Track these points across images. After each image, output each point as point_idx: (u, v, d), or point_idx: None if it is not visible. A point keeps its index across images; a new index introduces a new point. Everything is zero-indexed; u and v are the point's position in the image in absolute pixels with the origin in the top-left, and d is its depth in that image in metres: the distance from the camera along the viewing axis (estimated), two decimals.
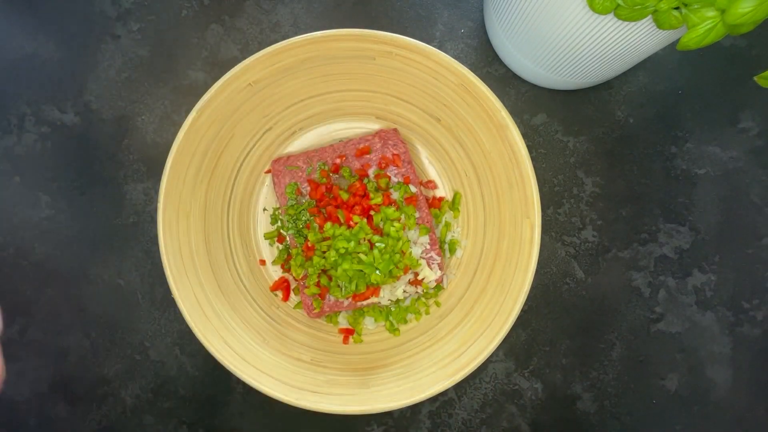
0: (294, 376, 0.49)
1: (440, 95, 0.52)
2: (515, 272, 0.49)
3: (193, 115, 0.48)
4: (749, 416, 0.57)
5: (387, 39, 0.49)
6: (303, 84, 0.53)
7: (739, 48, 0.61)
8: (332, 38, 0.49)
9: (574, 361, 0.58)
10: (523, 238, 0.49)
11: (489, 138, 0.50)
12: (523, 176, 0.48)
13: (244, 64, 0.48)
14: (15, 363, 0.58)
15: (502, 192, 0.51)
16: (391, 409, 0.47)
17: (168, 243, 0.48)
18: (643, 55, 0.50)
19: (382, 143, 0.54)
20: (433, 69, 0.50)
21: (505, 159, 0.50)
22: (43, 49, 0.61)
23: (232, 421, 0.58)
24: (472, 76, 0.48)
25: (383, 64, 0.51)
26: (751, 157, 0.60)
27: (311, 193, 0.53)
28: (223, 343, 0.48)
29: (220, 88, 0.49)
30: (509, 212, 0.50)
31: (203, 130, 0.50)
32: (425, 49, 0.48)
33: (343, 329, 0.54)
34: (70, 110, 0.60)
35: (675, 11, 0.39)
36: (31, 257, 0.59)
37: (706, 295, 0.58)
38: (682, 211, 0.59)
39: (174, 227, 0.49)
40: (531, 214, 0.48)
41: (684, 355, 0.58)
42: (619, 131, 0.60)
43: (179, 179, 0.49)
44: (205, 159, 0.51)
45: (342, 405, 0.47)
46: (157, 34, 0.61)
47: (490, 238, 0.53)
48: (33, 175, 0.59)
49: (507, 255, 0.50)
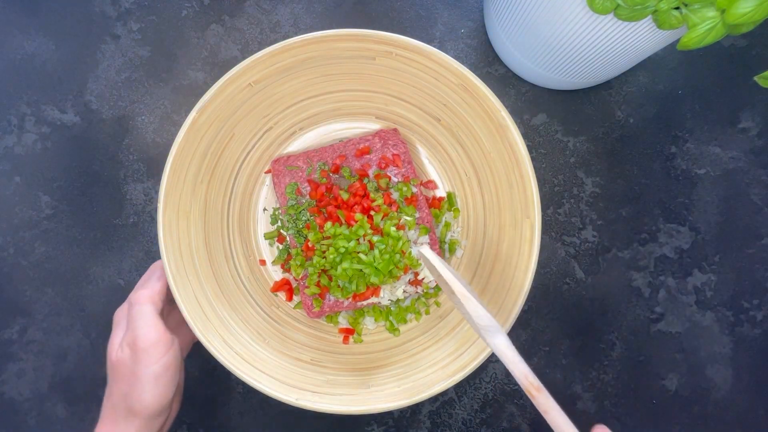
0: (294, 376, 0.49)
1: (440, 95, 0.52)
2: (515, 272, 0.49)
3: (194, 115, 0.48)
4: (749, 416, 0.57)
5: (387, 39, 0.49)
6: (303, 84, 0.53)
7: (739, 48, 0.61)
8: (332, 38, 0.49)
9: (574, 361, 0.58)
10: (523, 237, 0.49)
11: (489, 138, 0.50)
12: (523, 176, 0.48)
13: (245, 64, 0.48)
14: (15, 363, 0.58)
15: (502, 192, 0.51)
16: (391, 409, 0.47)
17: (168, 243, 0.48)
18: (643, 55, 0.50)
19: (382, 143, 0.54)
20: (434, 69, 0.50)
21: (505, 159, 0.50)
22: (43, 49, 0.61)
23: (232, 421, 0.58)
24: (472, 76, 0.48)
25: (383, 65, 0.51)
26: (751, 157, 0.60)
27: (311, 193, 0.53)
28: (223, 343, 0.48)
29: (221, 88, 0.49)
30: (509, 212, 0.50)
31: (203, 130, 0.50)
32: (425, 49, 0.48)
33: (343, 329, 0.54)
34: (70, 110, 0.60)
35: (675, 11, 0.39)
36: (31, 257, 0.59)
37: (706, 295, 0.58)
38: (682, 211, 0.59)
39: (174, 227, 0.49)
40: (531, 214, 0.48)
41: (684, 355, 0.58)
42: (619, 131, 0.60)
43: (179, 179, 0.49)
44: (205, 159, 0.51)
45: (342, 405, 0.47)
46: (157, 34, 0.61)
47: (490, 238, 0.53)
48: (33, 175, 0.59)
49: (507, 255, 0.50)
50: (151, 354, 0.43)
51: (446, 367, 0.48)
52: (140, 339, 0.43)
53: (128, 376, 0.43)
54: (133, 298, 0.46)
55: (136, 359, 0.43)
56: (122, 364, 0.44)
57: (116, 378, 0.45)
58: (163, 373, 0.43)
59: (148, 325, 0.44)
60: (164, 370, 0.43)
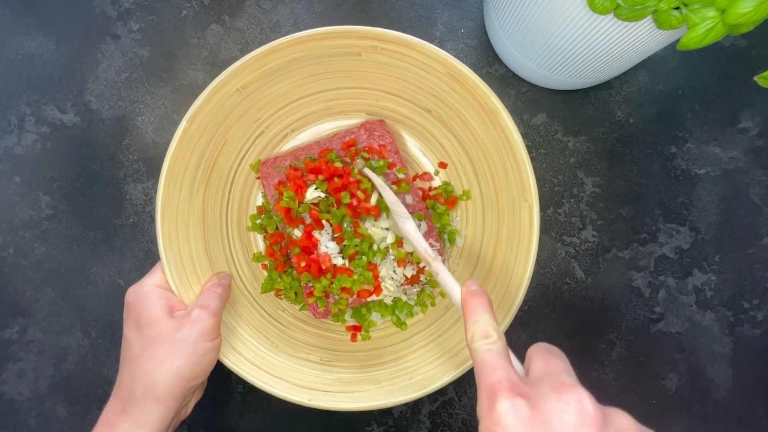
0: (305, 378, 0.49)
1: (429, 86, 0.51)
2: (516, 258, 0.49)
3: (184, 124, 0.48)
4: (749, 416, 0.57)
5: (371, 33, 0.48)
6: (292, 86, 0.53)
7: (739, 48, 0.61)
8: (316, 37, 0.48)
9: (574, 361, 0.58)
10: (522, 223, 0.48)
11: (481, 125, 0.50)
12: (517, 160, 0.48)
13: (231, 70, 0.48)
14: (15, 363, 0.58)
15: (498, 178, 0.51)
16: (404, 402, 0.47)
17: (169, 254, 0.48)
18: (643, 55, 0.50)
19: (368, 134, 0.53)
20: (420, 60, 0.49)
21: (498, 145, 0.49)
22: (43, 49, 0.61)
23: (232, 421, 0.58)
24: (459, 64, 0.48)
25: (370, 60, 0.51)
26: (751, 157, 0.60)
27: (292, 186, 0.51)
28: (232, 350, 0.48)
29: (209, 95, 0.48)
30: (507, 197, 0.50)
31: (195, 139, 0.50)
32: (410, 40, 0.48)
33: (350, 327, 0.54)
34: (70, 110, 0.60)
35: (675, 11, 0.39)
36: (31, 257, 0.59)
37: (706, 295, 0.58)
38: (682, 211, 0.59)
39: (174, 238, 0.49)
40: (528, 197, 0.48)
41: (684, 355, 0.58)
42: (619, 131, 0.60)
43: (175, 189, 0.49)
44: (199, 167, 0.51)
45: (355, 402, 0.47)
46: (157, 34, 0.61)
47: (490, 225, 0.52)
48: (33, 175, 0.59)
49: (508, 241, 0.50)
50: (210, 332, 0.44)
51: (456, 356, 0.48)
52: (207, 310, 0.44)
53: (169, 342, 0.42)
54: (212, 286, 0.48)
55: (191, 330, 0.43)
56: (169, 330, 0.43)
57: (152, 341, 0.43)
58: (210, 351, 0.44)
59: (216, 307, 0.45)
60: (213, 350, 0.44)
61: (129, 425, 0.42)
